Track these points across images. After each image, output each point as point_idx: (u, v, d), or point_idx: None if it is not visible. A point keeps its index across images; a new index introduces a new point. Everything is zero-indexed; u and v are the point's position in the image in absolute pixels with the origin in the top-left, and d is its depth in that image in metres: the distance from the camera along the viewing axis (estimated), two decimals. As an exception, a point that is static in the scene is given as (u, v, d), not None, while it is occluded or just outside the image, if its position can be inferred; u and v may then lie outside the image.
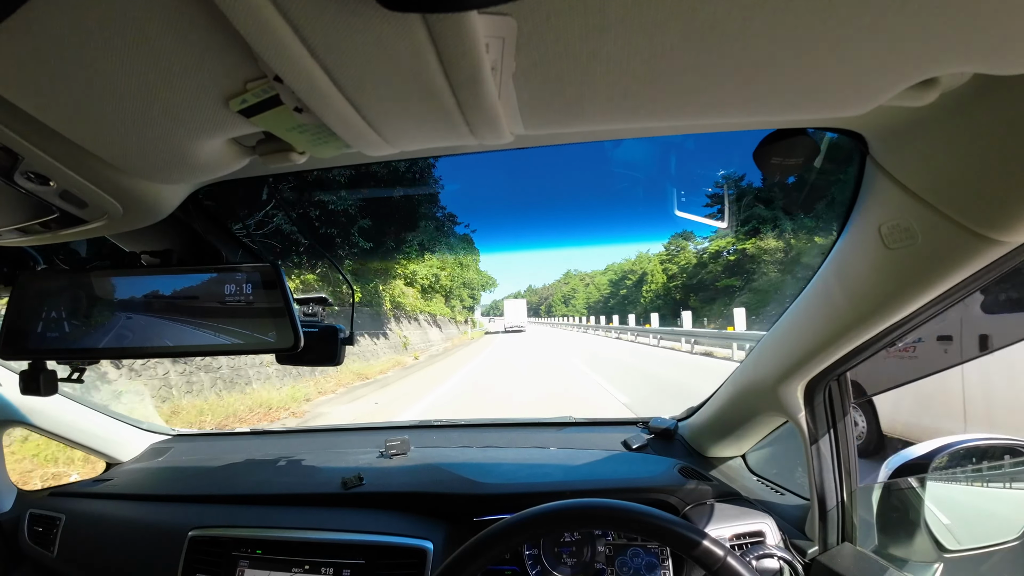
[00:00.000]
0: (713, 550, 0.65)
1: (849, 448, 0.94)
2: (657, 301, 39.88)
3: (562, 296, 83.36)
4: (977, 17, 0.30)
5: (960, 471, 0.89)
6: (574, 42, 0.32)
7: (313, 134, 0.43)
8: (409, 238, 13.49)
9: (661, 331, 18.43)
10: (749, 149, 0.59)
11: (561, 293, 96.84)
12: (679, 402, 1.46)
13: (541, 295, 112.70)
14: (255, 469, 1.29)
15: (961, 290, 0.61)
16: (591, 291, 59.61)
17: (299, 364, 0.86)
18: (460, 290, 31.57)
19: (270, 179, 0.75)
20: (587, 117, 0.42)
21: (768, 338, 0.96)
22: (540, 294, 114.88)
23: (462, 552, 0.69)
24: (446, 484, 1.11)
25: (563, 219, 17.80)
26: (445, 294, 26.81)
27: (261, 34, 0.28)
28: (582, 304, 63.17)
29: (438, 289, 23.90)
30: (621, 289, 56.54)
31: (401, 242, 13.43)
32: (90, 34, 0.30)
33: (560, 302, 77.74)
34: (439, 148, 0.60)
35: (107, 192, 0.53)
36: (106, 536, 1.12)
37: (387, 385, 10.04)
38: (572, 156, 12.42)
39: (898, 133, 0.55)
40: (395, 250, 13.87)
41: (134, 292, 0.69)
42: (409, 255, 15.23)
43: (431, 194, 13.77)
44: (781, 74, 0.36)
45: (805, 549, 0.94)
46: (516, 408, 6.76)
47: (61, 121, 0.40)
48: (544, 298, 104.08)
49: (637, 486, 1.07)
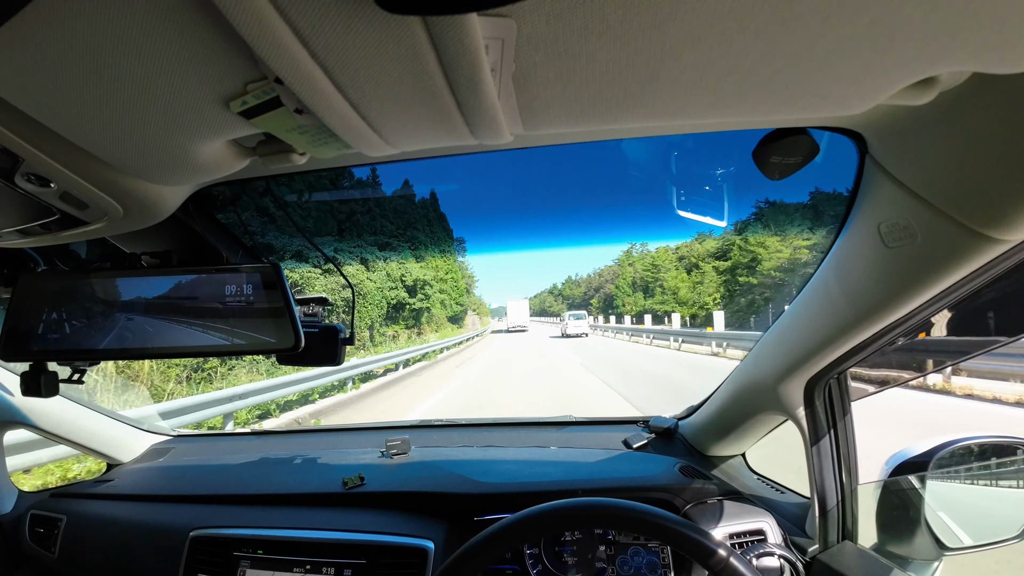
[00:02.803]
0: (716, 550, 0.65)
1: (849, 446, 0.94)
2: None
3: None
4: (976, 17, 0.30)
5: (960, 469, 0.89)
6: (573, 43, 0.32)
7: (313, 135, 0.43)
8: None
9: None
10: (749, 148, 0.60)
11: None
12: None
13: (588, 285, 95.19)
14: (256, 469, 1.29)
15: (960, 288, 0.61)
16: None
17: (299, 364, 0.86)
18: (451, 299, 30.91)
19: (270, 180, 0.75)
20: (587, 117, 0.42)
21: (768, 337, 0.96)
22: (588, 283, 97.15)
23: (463, 551, 0.69)
24: (447, 483, 1.11)
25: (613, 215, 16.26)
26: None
27: (262, 36, 0.28)
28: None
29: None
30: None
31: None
32: (91, 36, 0.30)
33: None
34: (439, 149, 0.61)
35: (107, 193, 0.53)
36: (107, 537, 1.12)
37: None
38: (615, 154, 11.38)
39: (897, 132, 0.55)
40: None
41: (135, 293, 0.69)
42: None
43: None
44: (780, 73, 0.36)
45: (806, 547, 0.94)
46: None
47: (61, 123, 0.40)
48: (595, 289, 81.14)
49: (638, 485, 1.08)
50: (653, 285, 45.70)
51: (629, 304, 50.40)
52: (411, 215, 22.68)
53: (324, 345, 0.83)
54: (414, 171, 39.57)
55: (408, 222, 22.43)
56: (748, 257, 30.03)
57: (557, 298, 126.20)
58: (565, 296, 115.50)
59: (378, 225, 20.26)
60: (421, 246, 23.11)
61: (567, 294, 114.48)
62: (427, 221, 24.08)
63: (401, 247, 21.49)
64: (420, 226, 23.43)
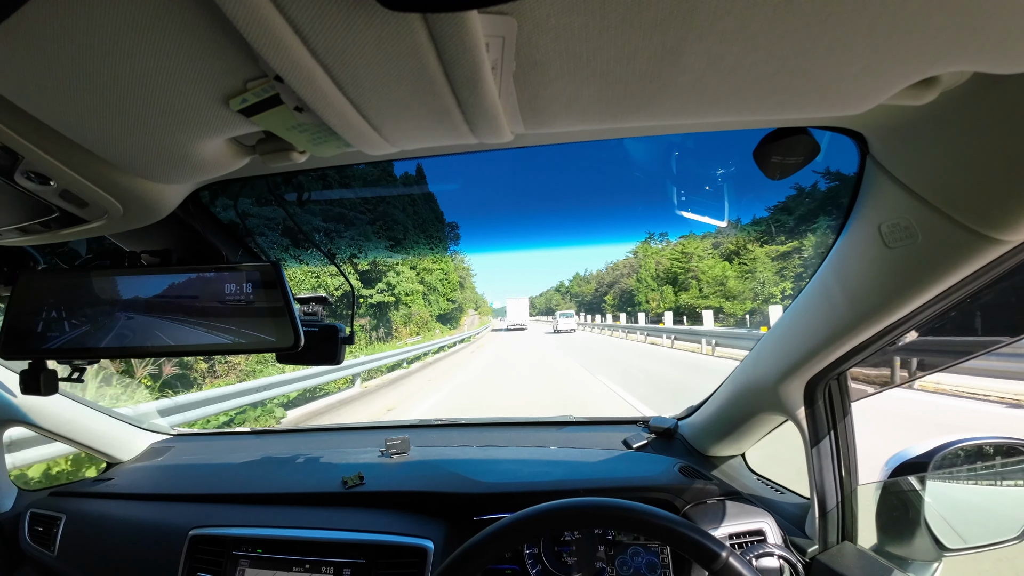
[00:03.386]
0: (715, 550, 0.65)
1: (849, 447, 0.94)
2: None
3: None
4: (977, 16, 0.30)
5: (960, 470, 0.89)
6: (574, 41, 0.32)
7: (313, 133, 0.43)
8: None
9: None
10: (749, 148, 0.59)
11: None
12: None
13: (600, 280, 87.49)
14: (256, 468, 1.29)
15: (961, 289, 0.61)
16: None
17: (299, 363, 0.86)
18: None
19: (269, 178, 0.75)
20: (587, 116, 0.42)
21: (768, 337, 0.96)
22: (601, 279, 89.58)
23: (463, 551, 0.69)
24: (446, 483, 1.11)
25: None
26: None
27: (262, 34, 0.28)
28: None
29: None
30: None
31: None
32: (91, 34, 0.30)
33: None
34: (439, 147, 0.61)
35: (107, 191, 0.53)
36: (107, 535, 1.12)
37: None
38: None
39: (898, 132, 0.55)
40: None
41: (134, 292, 0.69)
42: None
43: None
44: (781, 73, 0.36)
45: (805, 548, 0.94)
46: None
47: (61, 121, 0.40)
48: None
49: (637, 485, 1.08)
50: (684, 277, 38.09)
51: (654, 300, 42.17)
52: (387, 187, 15.08)
53: (324, 344, 0.83)
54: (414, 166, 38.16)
55: (381, 198, 16.91)
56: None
57: (565, 296, 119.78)
58: (574, 294, 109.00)
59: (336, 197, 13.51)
60: (397, 226, 17.48)
61: (575, 291, 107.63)
62: (410, 200, 18.86)
63: (361, 223, 15.20)
64: (394, 201, 17.74)
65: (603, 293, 71.54)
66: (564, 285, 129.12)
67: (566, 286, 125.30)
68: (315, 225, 11.95)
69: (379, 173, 13.16)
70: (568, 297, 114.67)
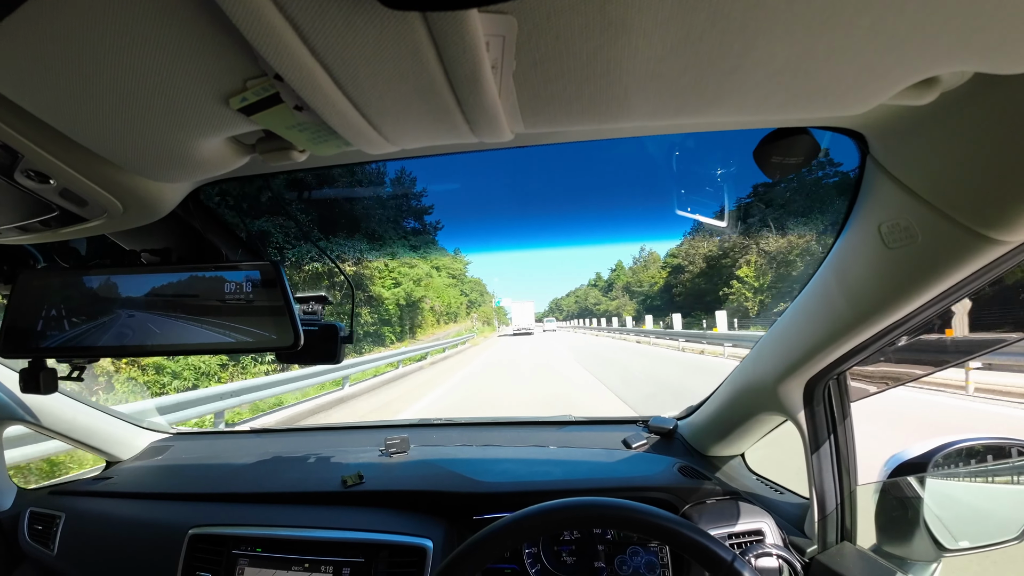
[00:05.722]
0: (719, 553, 0.64)
1: (848, 447, 0.94)
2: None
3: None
4: (977, 17, 0.30)
5: (959, 470, 0.89)
6: (574, 41, 0.32)
7: (313, 132, 0.43)
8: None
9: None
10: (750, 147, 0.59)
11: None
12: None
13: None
14: (255, 467, 1.29)
15: (961, 289, 0.61)
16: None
17: (299, 363, 0.86)
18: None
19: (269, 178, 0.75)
20: (588, 115, 0.41)
21: (768, 337, 0.96)
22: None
23: (462, 550, 0.69)
24: (446, 482, 1.11)
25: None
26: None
27: (262, 32, 0.28)
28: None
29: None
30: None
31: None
32: (90, 32, 0.30)
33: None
34: (439, 146, 0.60)
35: (107, 190, 0.53)
36: (106, 534, 1.12)
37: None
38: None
39: (898, 132, 0.55)
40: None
41: (134, 290, 0.69)
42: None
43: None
44: (781, 73, 0.36)
45: (804, 548, 0.94)
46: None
47: (61, 119, 0.39)
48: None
49: (637, 485, 1.08)
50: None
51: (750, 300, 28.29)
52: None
53: (323, 343, 0.83)
54: (417, 167, 37.99)
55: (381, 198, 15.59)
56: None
57: (606, 292, 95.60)
58: (629, 288, 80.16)
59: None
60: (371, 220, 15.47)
61: (625, 282, 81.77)
62: (392, 197, 16.94)
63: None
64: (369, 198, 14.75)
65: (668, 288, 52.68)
66: (602, 278, 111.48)
67: (605, 279, 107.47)
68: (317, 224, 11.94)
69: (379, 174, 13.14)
70: (607, 292, 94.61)
